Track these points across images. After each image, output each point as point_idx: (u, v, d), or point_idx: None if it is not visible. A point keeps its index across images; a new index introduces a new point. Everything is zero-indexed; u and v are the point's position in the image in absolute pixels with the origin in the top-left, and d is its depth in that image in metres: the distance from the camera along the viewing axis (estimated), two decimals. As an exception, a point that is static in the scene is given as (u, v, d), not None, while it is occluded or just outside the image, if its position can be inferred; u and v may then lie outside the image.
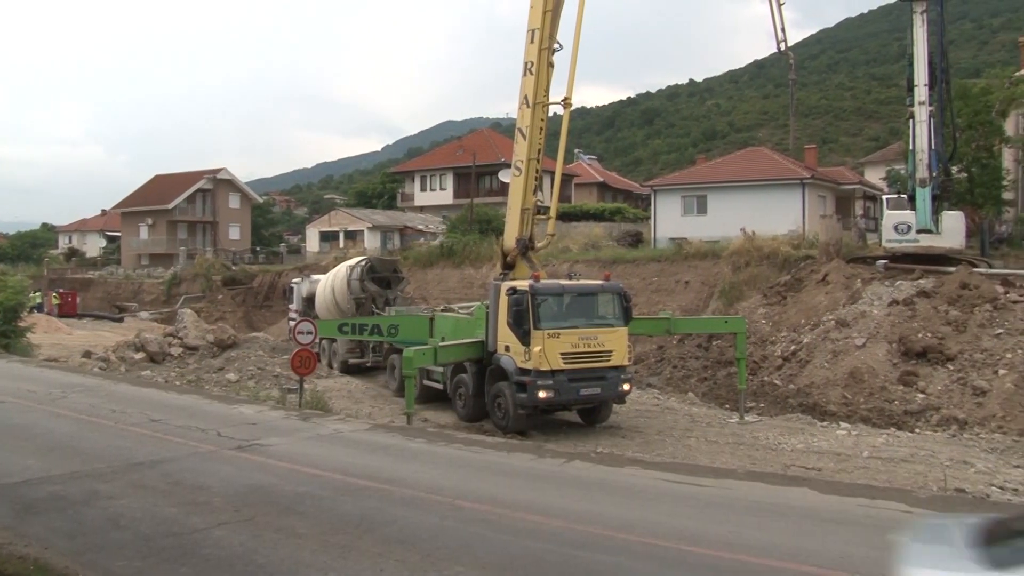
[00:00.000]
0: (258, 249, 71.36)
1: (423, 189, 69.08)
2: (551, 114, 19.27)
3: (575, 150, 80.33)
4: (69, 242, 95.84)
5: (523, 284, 16.67)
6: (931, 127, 23.40)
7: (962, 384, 18.16)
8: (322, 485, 10.60)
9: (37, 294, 46.62)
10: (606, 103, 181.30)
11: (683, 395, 21.45)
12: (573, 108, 19.18)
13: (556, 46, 18.44)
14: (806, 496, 10.47)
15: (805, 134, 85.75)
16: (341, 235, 60.54)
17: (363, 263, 27.42)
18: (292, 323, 26.47)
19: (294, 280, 33.73)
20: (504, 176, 23.11)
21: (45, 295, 52.77)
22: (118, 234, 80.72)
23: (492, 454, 13.17)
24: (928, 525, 6.02)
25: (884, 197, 29.42)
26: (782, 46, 27.08)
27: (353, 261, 28.41)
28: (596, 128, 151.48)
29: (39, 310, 45.84)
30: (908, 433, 16.75)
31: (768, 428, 17.30)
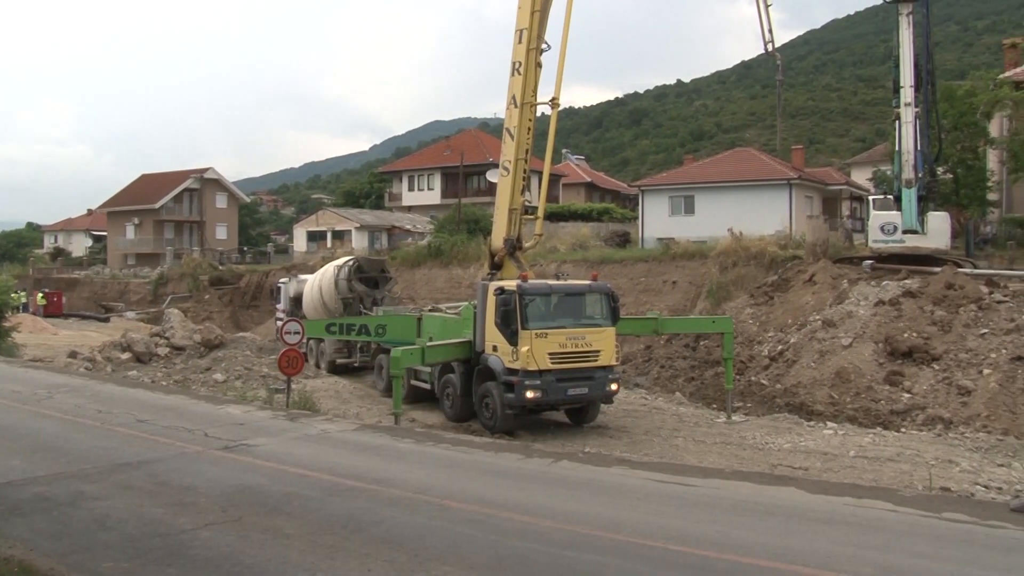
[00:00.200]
0: (245, 249, 71.07)
1: (411, 189, 69.08)
2: (539, 114, 19.30)
3: (563, 150, 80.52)
4: (55, 242, 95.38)
5: (511, 284, 16.67)
6: (917, 128, 23.58)
7: (947, 384, 18.27)
8: (310, 485, 10.57)
9: (22, 294, 46.38)
10: (594, 103, 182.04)
11: (670, 395, 21.48)
12: (561, 108, 19.24)
13: (544, 46, 18.48)
14: (793, 495, 10.51)
15: (792, 135, 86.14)
16: (329, 235, 60.43)
17: (351, 263, 27.36)
18: (279, 323, 26.38)
19: (281, 280, 33.59)
20: (492, 176, 23.11)
21: (30, 295, 52.53)
22: (104, 234, 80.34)
23: (480, 454, 13.15)
24: None
25: (870, 198, 29.56)
26: (769, 47, 27.22)
27: (341, 261, 28.33)
28: (584, 128, 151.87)
29: (24, 310, 45.66)
30: (894, 433, 16.83)
31: (755, 428, 17.35)
